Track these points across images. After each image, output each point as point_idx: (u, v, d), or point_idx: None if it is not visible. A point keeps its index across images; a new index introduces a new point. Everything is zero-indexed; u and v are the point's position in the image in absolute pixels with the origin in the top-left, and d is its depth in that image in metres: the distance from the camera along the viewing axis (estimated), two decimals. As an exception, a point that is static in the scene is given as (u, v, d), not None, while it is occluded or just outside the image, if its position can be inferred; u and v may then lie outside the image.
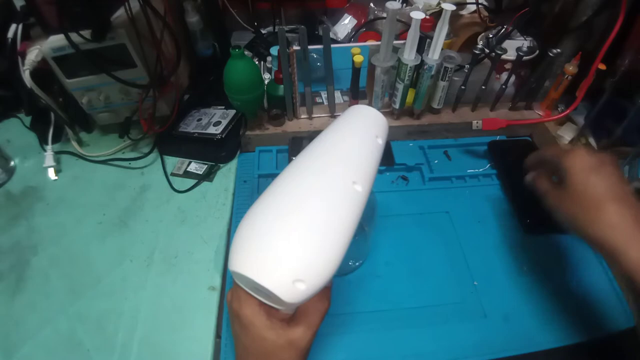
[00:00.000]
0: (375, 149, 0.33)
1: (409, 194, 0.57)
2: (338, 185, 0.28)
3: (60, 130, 0.64)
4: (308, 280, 0.24)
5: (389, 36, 0.50)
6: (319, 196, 0.27)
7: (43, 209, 0.57)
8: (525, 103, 0.64)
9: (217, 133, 0.61)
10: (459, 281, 0.47)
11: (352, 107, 0.36)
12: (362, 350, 0.42)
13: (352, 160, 0.30)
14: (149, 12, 0.50)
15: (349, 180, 0.28)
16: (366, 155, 0.31)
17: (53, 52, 0.51)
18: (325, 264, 0.25)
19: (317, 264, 0.25)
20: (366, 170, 0.30)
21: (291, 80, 0.56)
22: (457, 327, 0.44)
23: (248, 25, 0.79)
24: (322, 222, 0.26)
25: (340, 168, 0.29)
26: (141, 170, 0.61)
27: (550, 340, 0.43)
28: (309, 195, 0.27)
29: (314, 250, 0.25)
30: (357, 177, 0.29)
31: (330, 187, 0.28)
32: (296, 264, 0.24)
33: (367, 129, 0.33)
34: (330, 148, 0.31)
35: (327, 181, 0.28)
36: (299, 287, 0.24)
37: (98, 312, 0.45)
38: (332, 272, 0.26)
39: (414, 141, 0.63)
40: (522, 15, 0.61)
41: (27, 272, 0.49)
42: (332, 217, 0.26)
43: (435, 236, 0.52)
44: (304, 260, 0.25)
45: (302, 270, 0.24)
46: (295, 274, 0.24)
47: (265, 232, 0.26)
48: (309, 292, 0.25)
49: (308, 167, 0.30)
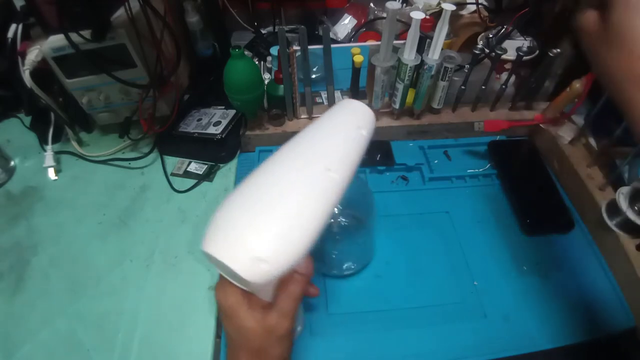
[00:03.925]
0: (356, 138, 0.32)
1: (409, 194, 0.57)
2: (310, 171, 0.28)
3: (60, 130, 0.64)
4: (270, 260, 0.25)
5: (389, 36, 0.50)
6: (289, 181, 0.28)
7: (43, 209, 0.57)
8: (525, 103, 0.64)
9: (217, 133, 0.61)
10: (459, 281, 0.47)
11: (341, 101, 0.36)
12: (362, 350, 0.42)
13: (327, 148, 0.30)
14: (149, 12, 0.50)
15: (322, 166, 0.28)
16: (344, 144, 0.31)
17: (53, 52, 0.51)
18: (290, 245, 0.26)
19: (281, 244, 0.25)
20: (343, 157, 0.30)
21: (291, 80, 0.56)
22: (457, 327, 0.44)
23: (248, 25, 0.79)
24: (290, 205, 0.26)
25: (313, 154, 0.30)
26: (141, 170, 0.61)
27: (550, 340, 0.43)
28: (280, 180, 0.28)
29: (279, 231, 0.25)
30: (332, 164, 0.29)
31: (302, 172, 0.28)
32: (258, 243, 0.25)
33: (348, 119, 0.33)
34: (308, 137, 0.32)
35: (298, 167, 0.29)
36: (262, 266, 0.25)
37: (98, 312, 0.45)
38: (298, 255, 0.26)
39: (414, 141, 0.63)
40: (522, 15, 0.61)
41: (27, 272, 0.49)
42: (301, 201, 0.27)
43: (435, 236, 0.52)
44: (266, 240, 0.25)
45: (264, 250, 0.25)
46: (258, 252, 0.25)
47: (233, 214, 0.27)
48: (272, 272, 0.25)
49: (284, 155, 0.30)
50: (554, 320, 0.44)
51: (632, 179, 0.50)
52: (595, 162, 0.54)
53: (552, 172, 0.59)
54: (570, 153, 0.57)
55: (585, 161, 0.55)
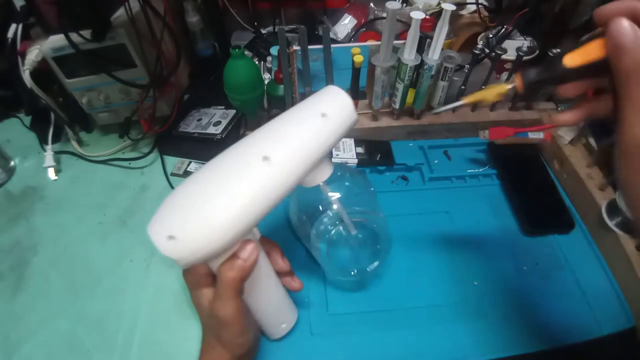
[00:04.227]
0: (314, 126, 0.30)
1: (409, 194, 0.57)
2: (243, 159, 0.28)
3: (60, 130, 0.64)
4: (179, 238, 0.26)
5: (389, 36, 0.50)
6: (221, 168, 0.28)
7: (43, 209, 0.57)
8: (525, 103, 0.64)
9: (217, 133, 0.61)
10: (459, 281, 0.47)
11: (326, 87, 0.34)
12: (362, 350, 0.42)
13: (272, 134, 0.30)
14: (149, 12, 0.50)
15: (258, 154, 0.28)
16: (294, 131, 0.30)
17: (53, 52, 0.51)
18: (203, 228, 0.26)
19: (193, 225, 0.26)
20: (289, 146, 0.29)
21: (291, 80, 0.56)
22: (457, 327, 0.44)
23: (248, 25, 0.79)
24: (211, 191, 0.27)
25: (254, 142, 0.29)
26: (141, 170, 0.61)
27: (550, 340, 0.43)
28: (215, 167, 0.28)
29: (193, 213, 0.26)
30: (271, 152, 0.28)
31: (236, 160, 0.28)
32: (172, 221, 0.26)
33: (313, 105, 0.31)
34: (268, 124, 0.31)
35: (235, 155, 0.29)
36: (172, 243, 0.26)
37: (98, 312, 0.45)
38: (213, 238, 0.26)
39: (414, 141, 0.63)
40: (522, 15, 0.61)
41: (27, 272, 0.49)
42: (224, 188, 0.27)
43: (435, 236, 0.52)
44: (180, 219, 0.26)
45: (175, 228, 0.26)
46: (169, 230, 0.26)
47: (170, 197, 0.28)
48: (183, 250, 0.26)
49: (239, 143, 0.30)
50: (554, 320, 0.44)
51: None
52: (595, 162, 0.54)
53: (552, 172, 0.59)
54: (570, 153, 0.57)
55: (585, 161, 0.55)
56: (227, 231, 0.27)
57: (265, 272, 0.35)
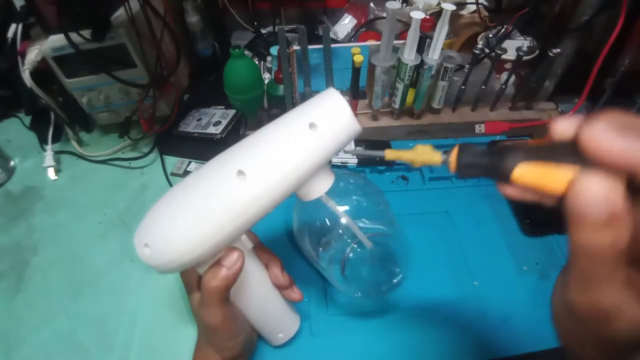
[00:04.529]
0: (300, 138, 0.27)
1: (409, 194, 0.57)
2: (219, 172, 0.27)
3: (60, 130, 0.64)
4: (152, 246, 0.26)
5: (389, 36, 0.50)
6: (197, 181, 0.28)
7: (43, 209, 0.57)
8: (525, 103, 0.64)
9: (217, 133, 0.61)
10: (459, 281, 0.47)
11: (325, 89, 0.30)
12: (362, 350, 0.42)
13: (251, 148, 0.27)
14: (149, 12, 0.50)
15: (233, 168, 0.26)
16: (275, 144, 0.27)
17: (53, 52, 0.51)
18: (172, 240, 0.26)
19: (162, 236, 0.26)
20: (267, 160, 0.26)
21: (291, 80, 0.56)
22: (457, 327, 0.44)
23: (248, 25, 0.79)
24: (182, 202, 0.27)
25: (232, 154, 0.28)
26: (141, 170, 0.61)
27: (550, 340, 0.42)
28: (194, 178, 0.28)
29: (164, 223, 0.26)
30: (247, 166, 0.26)
31: (212, 172, 0.28)
32: (146, 229, 0.27)
33: (300, 115, 0.28)
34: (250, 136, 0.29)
35: (213, 166, 0.28)
36: (145, 250, 0.27)
37: (98, 312, 0.45)
38: (181, 251, 0.26)
39: (414, 141, 0.63)
40: (522, 15, 0.61)
41: (27, 272, 0.49)
42: (194, 202, 0.26)
43: (435, 236, 0.52)
44: (153, 228, 0.27)
45: (149, 236, 0.27)
46: (144, 237, 0.27)
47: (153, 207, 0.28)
48: (154, 258, 0.26)
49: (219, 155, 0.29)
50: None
51: (632, 179, 0.50)
52: (595, 162, 0.54)
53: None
54: (570, 153, 0.57)
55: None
56: (197, 245, 0.26)
57: (257, 282, 0.34)
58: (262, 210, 0.27)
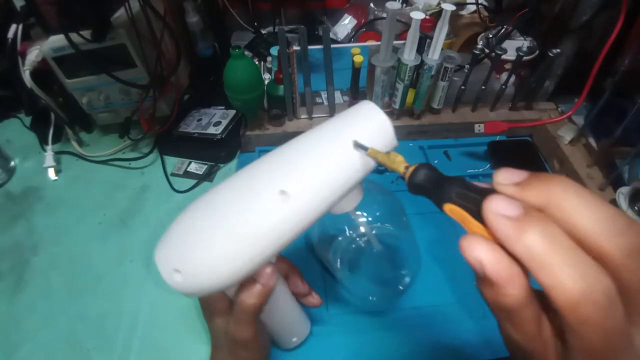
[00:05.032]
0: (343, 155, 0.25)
1: (409, 193, 0.57)
2: (257, 190, 0.25)
3: (60, 130, 0.64)
4: (185, 272, 0.24)
5: (389, 36, 0.50)
6: (232, 200, 0.25)
7: (43, 209, 0.57)
8: (525, 103, 0.64)
9: (217, 133, 0.61)
10: (459, 281, 0.47)
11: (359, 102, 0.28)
12: (362, 350, 0.42)
13: (293, 165, 0.25)
14: (149, 12, 0.50)
15: (276, 187, 0.24)
16: (318, 162, 0.25)
17: (53, 52, 0.51)
18: (208, 266, 0.24)
19: (196, 261, 0.24)
20: (311, 179, 0.24)
21: (291, 80, 0.56)
22: (457, 327, 0.44)
23: (248, 25, 0.79)
24: (217, 222, 0.24)
25: (269, 169, 0.25)
26: (141, 170, 0.61)
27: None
28: (226, 197, 0.25)
29: (197, 246, 0.24)
30: (291, 185, 0.24)
31: (248, 189, 0.25)
32: (177, 254, 0.25)
33: (341, 129, 0.26)
34: (284, 150, 0.27)
35: (246, 182, 0.26)
36: (176, 277, 0.24)
37: (98, 312, 0.45)
38: (219, 277, 0.24)
39: (414, 141, 0.63)
40: (522, 15, 0.61)
41: (27, 272, 0.49)
42: (233, 224, 0.24)
43: (435, 236, 0.52)
44: (185, 253, 0.24)
45: (180, 262, 0.24)
46: (174, 263, 0.24)
47: (177, 225, 0.26)
48: (188, 285, 0.24)
49: (251, 169, 0.27)
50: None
51: (632, 179, 0.50)
52: (595, 162, 0.54)
53: (552, 172, 0.59)
54: (570, 153, 0.57)
55: (585, 161, 0.55)
56: (239, 269, 0.24)
57: (279, 292, 0.34)
58: (303, 229, 0.26)
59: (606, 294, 0.14)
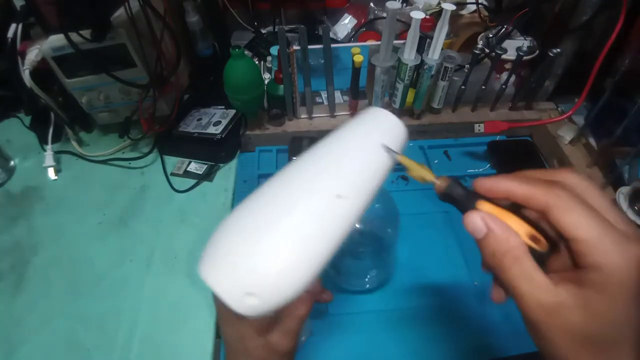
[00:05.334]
0: (377, 159, 0.28)
1: (409, 194, 0.57)
2: (317, 199, 0.25)
3: (60, 130, 0.64)
4: (261, 295, 0.23)
5: (389, 36, 0.50)
6: (293, 208, 0.25)
7: (43, 209, 0.57)
8: (525, 103, 0.64)
9: (217, 133, 0.61)
10: (459, 281, 0.47)
11: (369, 109, 0.31)
12: (362, 350, 0.42)
13: (342, 171, 0.26)
14: (149, 12, 0.50)
15: (332, 193, 0.25)
16: (362, 166, 0.27)
17: (53, 52, 0.51)
18: (287, 281, 0.23)
19: (276, 280, 0.23)
20: (359, 182, 0.27)
21: (291, 80, 0.56)
22: (457, 327, 0.44)
23: (248, 25, 0.79)
24: (290, 237, 0.24)
25: (324, 179, 0.26)
26: (141, 170, 0.61)
27: (550, 340, 0.42)
28: (283, 205, 0.25)
29: (275, 265, 0.23)
30: (344, 189, 0.25)
31: (309, 200, 0.25)
32: (248, 276, 0.23)
33: (372, 135, 0.29)
34: (323, 154, 0.28)
35: (306, 193, 0.25)
36: (250, 301, 0.22)
37: (98, 312, 0.45)
38: (296, 291, 0.23)
39: (414, 141, 0.63)
40: (522, 15, 0.61)
41: (27, 272, 0.49)
42: (304, 233, 0.24)
43: (435, 236, 0.52)
44: (259, 273, 0.23)
45: (254, 284, 0.23)
46: (247, 286, 0.22)
47: (230, 239, 0.24)
48: (263, 307, 0.23)
49: (292, 174, 0.27)
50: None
51: (632, 179, 0.50)
52: (595, 162, 0.54)
53: (552, 172, 0.59)
54: (570, 153, 0.57)
55: (585, 161, 0.55)
56: (308, 280, 0.24)
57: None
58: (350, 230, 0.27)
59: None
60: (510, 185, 0.23)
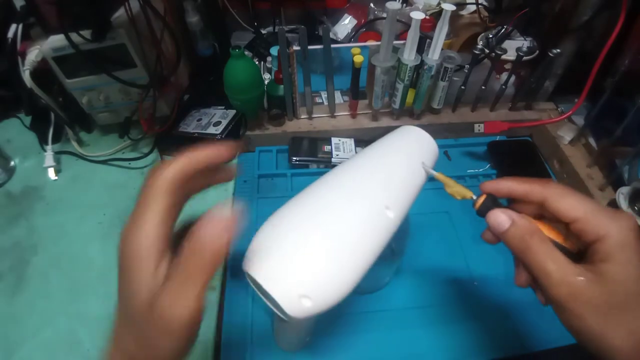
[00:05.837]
0: (418, 176, 0.31)
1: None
2: (369, 209, 0.27)
3: (60, 130, 0.64)
4: (315, 298, 0.24)
5: (389, 36, 0.50)
6: (347, 216, 0.26)
7: (43, 209, 0.57)
8: (525, 103, 0.64)
9: (217, 133, 0.61)
10: (459, 281, 0.47)
11: (404, 127, 0.35)
12: (362, 351, 0.42)
13: (391, 185, 0.29)
14: (149, 12, 0.50)
15: (382, 204, 0.27)
16: (406, 182, 0.30)
17: (53, 52, 0.51)
18: (337, 285, 0.25)
19: (329, 283, 0.24)
20: (403, 196, 0.29)
21: (291, 80, 0.56)
22: (457, 327, 0.44)
23: (248, 25, 0.79)
24: (345, 243, 0.25)
25: (375, 190, 0.28)
26: (141, 170, 0.61)
27: (550, 340, 0.43)
28: (338, 213, 0.26)
29: (329, 269, 0.24)
30: (392, 202, 0.28)
31: (361, 209, 0.27)
32: (306, 279, 0.24)
33: (412, 152, 0.32)
34: (371, 167, 0.30)
35: (359, 202, 0.27)
36: (305, 303, 0.24)
37: (98, 312, 0.45)
38: (343, 295, 0.25)
39: (414, 141, 0.63)
40: (522, 15, 0.61)
41: (27, 272, 0.49)
42: (356, 240, 0.26)
43: (435, 236, 0.52)
44: (315, 277, 0.24)
45: (311, 287, 0.24)
46: (304, 288, 0.24)
47: (285, 241, 0.25)
48: (314, 310, 0.24)
49: (344, 182, 0.29)
50: (554, 320, 0.44)
51: (632, 179, 0.50)
52: (595, 162, 0.54)
53: (552, 172, 0.59)
54: (570, 153, 0.57)
55: (585, 161, 0.55)
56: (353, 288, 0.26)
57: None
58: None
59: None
60: (510, 184, 0.27)
